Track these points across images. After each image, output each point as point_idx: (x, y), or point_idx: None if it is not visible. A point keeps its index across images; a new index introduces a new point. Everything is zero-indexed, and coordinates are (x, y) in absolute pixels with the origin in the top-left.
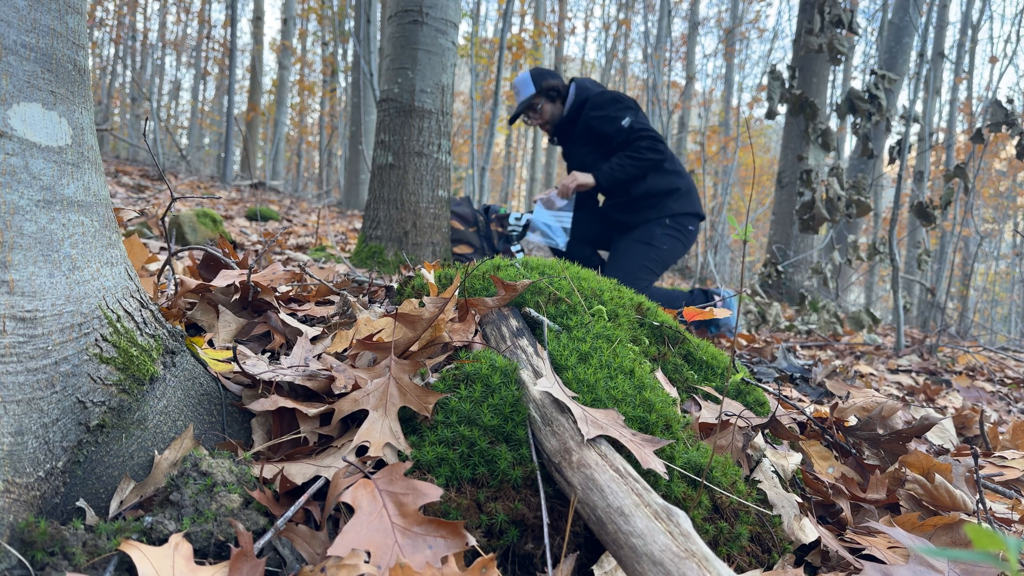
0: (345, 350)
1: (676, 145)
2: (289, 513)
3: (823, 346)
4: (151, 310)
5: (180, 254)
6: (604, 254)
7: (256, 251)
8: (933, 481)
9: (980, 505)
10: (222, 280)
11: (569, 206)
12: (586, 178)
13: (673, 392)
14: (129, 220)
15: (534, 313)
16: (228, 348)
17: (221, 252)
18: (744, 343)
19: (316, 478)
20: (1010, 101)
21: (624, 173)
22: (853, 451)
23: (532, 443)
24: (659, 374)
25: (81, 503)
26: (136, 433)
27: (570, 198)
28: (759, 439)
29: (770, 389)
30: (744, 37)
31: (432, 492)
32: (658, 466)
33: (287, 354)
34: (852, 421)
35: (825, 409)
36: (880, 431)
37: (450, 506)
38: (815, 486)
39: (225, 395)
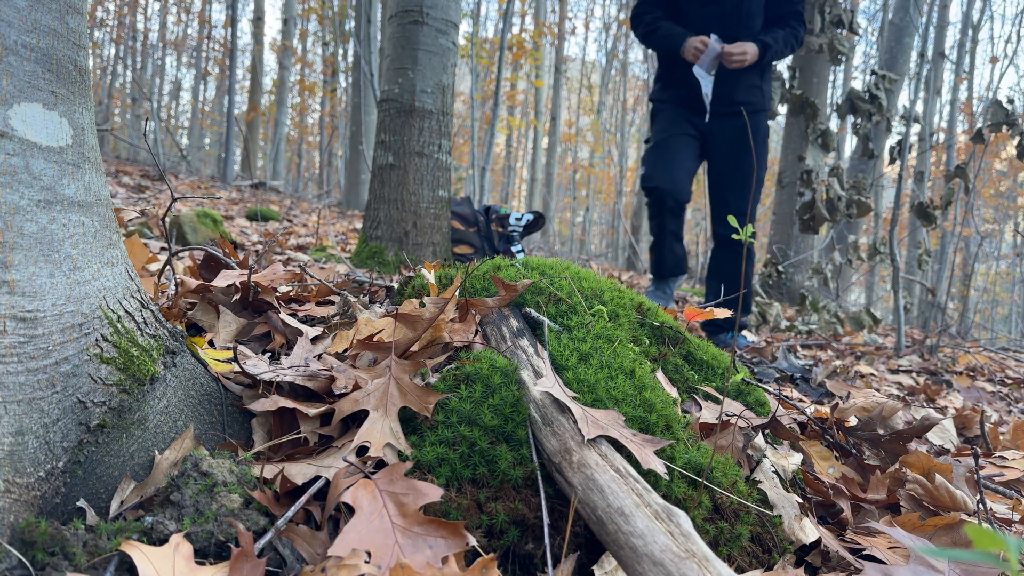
0: (345, 350)
1: None
2: (289, 513)
3: (823, 346)
4: (152, 310)
5: (180, 254)
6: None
7: (256, 251)
8: (933, 481)
9: (980, 505)
10: (222, 280)
11: (714, 69)
12: (753, 53)
13: (673, 392)
14: (129, 220)
15: (534, 313)
16: (228, 348)
17: (221, 252)
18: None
19: (316, 478)
20: (1010, 101)
21: (782, 56)
22: (853, 451)
23: (532, 443)
24: (659, 374)
25: (81, 503)
26: (136, 433)
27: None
28: (759, 439)
29: (770, 389)
30: None
31: (432, 492)
32: (658, 466)
33: (287, 354)
34: (852, 421)
35: (825, 409)
36: (880, 431)
37: (450, 506)
38: (815, 486)
39: (225, 395)
